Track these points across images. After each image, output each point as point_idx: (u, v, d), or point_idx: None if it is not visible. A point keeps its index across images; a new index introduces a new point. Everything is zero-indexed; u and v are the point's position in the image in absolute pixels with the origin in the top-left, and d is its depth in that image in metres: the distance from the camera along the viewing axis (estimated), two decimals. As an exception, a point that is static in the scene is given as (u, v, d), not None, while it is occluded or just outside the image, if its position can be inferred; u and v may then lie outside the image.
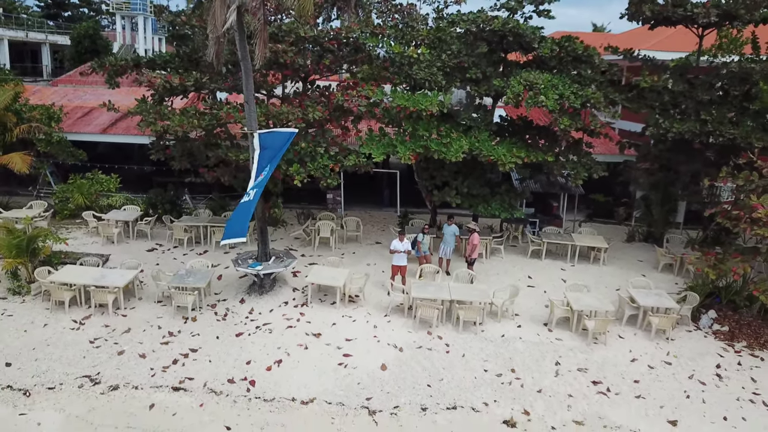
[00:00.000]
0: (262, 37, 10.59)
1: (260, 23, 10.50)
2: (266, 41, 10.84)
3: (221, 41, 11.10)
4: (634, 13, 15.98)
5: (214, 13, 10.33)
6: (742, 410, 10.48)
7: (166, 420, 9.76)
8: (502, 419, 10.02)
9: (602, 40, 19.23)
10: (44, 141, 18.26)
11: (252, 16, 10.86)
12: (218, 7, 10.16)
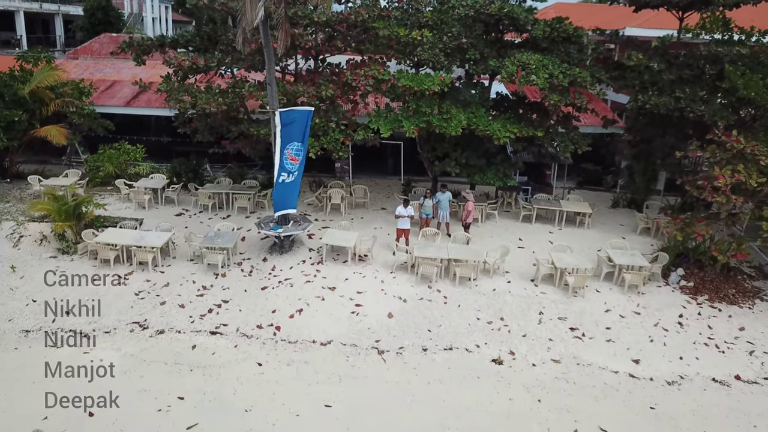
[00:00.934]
0: (284, 28, 11.88)
1: (282, 17, 11.78)
2: (288, 31, 12.15)
3: (247, 31, 12.37)
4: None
5: (244, 9, 11.59)
6: (696, 351, 12.15)
7: (206, 358, 11.45)
8: (491, 358, 11.70)
9: (599, 14, 20.23)
10: (76, 114, 19.58)
11: (275, 6, 12.08)
12: (248, 5, 11.42)
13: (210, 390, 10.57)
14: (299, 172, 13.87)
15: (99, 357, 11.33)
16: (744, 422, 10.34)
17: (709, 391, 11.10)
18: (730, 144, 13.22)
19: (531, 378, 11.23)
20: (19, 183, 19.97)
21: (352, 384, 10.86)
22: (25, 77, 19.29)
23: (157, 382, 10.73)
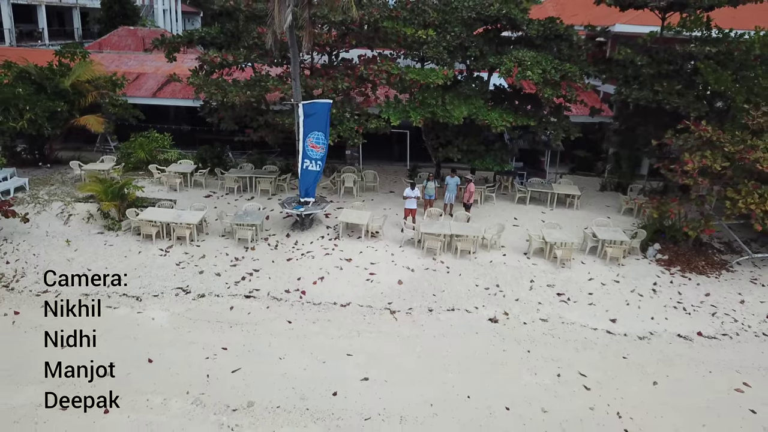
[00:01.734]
0: (308, 30, 13.48)
1: (307, 21, 13.36)
2: (311, 33, 13.75)
3: (276, 33, 13.92)
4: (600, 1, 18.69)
5: (274, 14, 13.15)
6: (666, 313, 13.88)
7: (243, 317, 13.20)
8: (487, 317, 13.44)
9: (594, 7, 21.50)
10: (111, 104, 21.18)
11: (301, 12, 13.62)
12: (277, 11, 12.98)
13: (248, 342, 12.33)
14: (323, 161, 15.58)
15: (151, 316, 13.12)
16: (702, 369, 12.07)
17: (674, 344, 12.84)
18: (699, 133, 14.85)
19: (522, 334, 12.97)
20: (58, 167, 21.64)
21: (368, 338, 12.62)
22: (63, 71, 20.89)
23: (203, 336, 12.48)
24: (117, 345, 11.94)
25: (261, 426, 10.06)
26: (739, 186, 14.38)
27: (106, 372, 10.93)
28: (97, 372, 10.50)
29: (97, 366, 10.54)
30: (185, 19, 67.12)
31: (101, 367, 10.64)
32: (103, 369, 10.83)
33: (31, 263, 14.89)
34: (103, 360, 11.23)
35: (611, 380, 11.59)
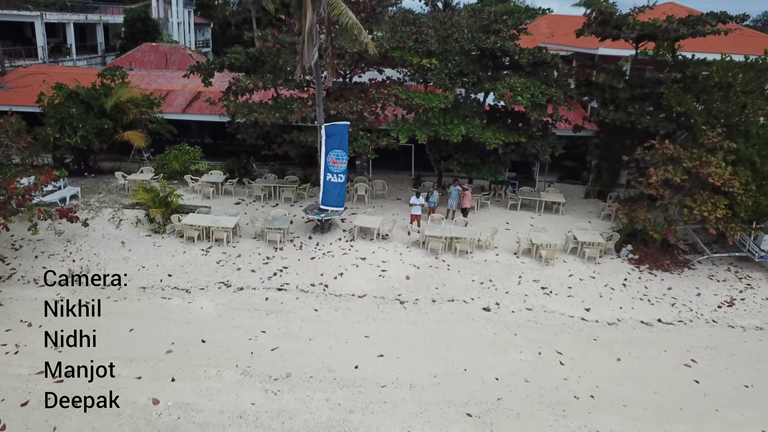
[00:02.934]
0: (332, 64, 15.81)
1: (331, 58, 15.69)
2: (334, 67, 16.07)
3: (304, 67, 16.24)
4: (583, 31, 21.03)
5: (303, 52, 15.48)
6: (632, 303, 16.19)
7: (276, 306, 15.53)
8: (481, 307, 15.76)
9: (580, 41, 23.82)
10: (149, 121, 23.53)
11: (324, 52, 15.95)
12: (306, 50, 15.30)
13: (282, 326, 14.65)
14: (345, 174, 17.94)
15: (199, 305, 15.47)
16: (659, 349, 14.37)
17: (637, 329, 15.16)
18: (662, 150, 17.17)
19: (510, 320, 15.30)
20: (102, 177, 24.02)
21: (382, 323, 14.94)
22: (106, 91, 23.25)
23: (245, 322, 14.80)
24: (176, 328, 14.27)
25: (298, 391, 12.37)
26: (696, 196, 16.70)
27: (170, 349, 13.36)
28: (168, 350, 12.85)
29: (168, 345, 12.90)
30: (197, 30, 69.54)
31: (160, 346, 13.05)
32: (162, 349, 13.23)
33: (93, 261, 17.23)
34: (169, 341, 13.63)
35: (583, 357, 13.89)
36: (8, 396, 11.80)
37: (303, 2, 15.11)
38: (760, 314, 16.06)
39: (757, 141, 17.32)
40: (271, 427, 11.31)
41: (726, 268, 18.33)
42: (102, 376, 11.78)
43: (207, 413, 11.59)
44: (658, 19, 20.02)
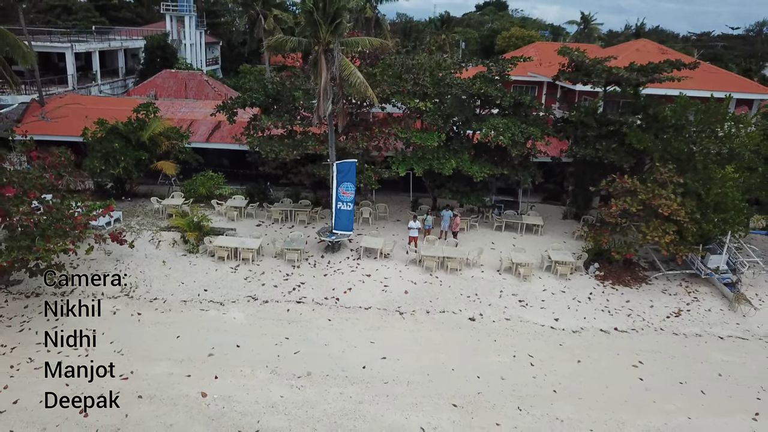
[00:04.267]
0: (343, 114, 18.59)
1: (342, 109, 18.48)
2: (345, 117, 18.84)
3: (320, 117, 18.99)
4: (558, 78, 23.92)
5: (319, 104, 18.27)
6: (595, 314, 18.93)
7: (296, 316, 18.28)
8: (468, 317, 18.50)
9: None
10: (179, 151, 26.31)
11: (337, 104, 18.74)
12: (322, 102, 18.09)
13: (302, 333, 17.38)
14: (353, 203, 20.73)
15: (232, 316, 18.22)
16: (613, 352, 17.10)
17: (596, 336, 17.91)
18: (622, 183, 19.97)
19: (491, 329, 18.04)
20: (137, 200, 26.80)
21: (385, 331, 17.68)
22: (141, 125, 26.04)
23: (270, 329, 17.54)
24: (214, 335, 17.01)
25: (317, 386, 15.09)
26: (649, 223, 19.48)
27: (212, 353, 16.12)
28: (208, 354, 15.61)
29: (210, 350, 15.67)
30: (207, 49, 72.42)
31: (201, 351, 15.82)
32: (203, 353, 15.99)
33: (140, 278, 19.99)
34: (209, 346, 16.39)
35: (550, 359, 16.63)
36: (87, 389, 14.51)
37: (319, 64, 17.93)
38: (701, 323, 18.82)
39: (702, 176, 20.10)
40: (297, 414, 14.05)
41: (678, 284, 21.08)
42: (158, 375, 14.52)
43: (245, 404, 14.32)
44: (621, 68, 22.86)
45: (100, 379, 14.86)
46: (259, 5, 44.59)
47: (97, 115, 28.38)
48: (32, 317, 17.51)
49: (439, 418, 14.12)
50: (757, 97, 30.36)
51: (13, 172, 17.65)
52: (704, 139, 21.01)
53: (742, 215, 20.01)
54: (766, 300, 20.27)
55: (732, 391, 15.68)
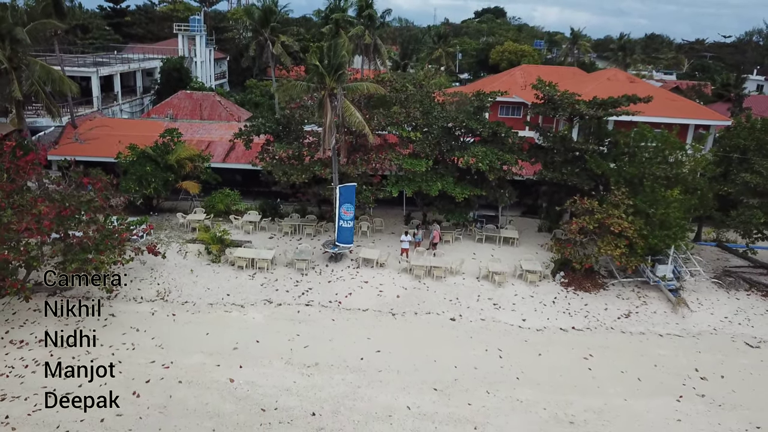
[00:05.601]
0: (344, 147, 21.70)
1: (344, 143, 21.59)
2: (346, 149, 21.96)
3: (325, 148, 22.08)
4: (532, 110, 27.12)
5: (325, 139, 21.38)
6: (557, 315, 22.02)
7: (305, 317, 21.36)
8: (449, 318, 21.59)
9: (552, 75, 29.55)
10: (201, 173, 29.44)
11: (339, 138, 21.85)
12: (326, 138, 21.21)
13: (311, 331, 20.46)
14: (353, 220, 23.87)
15: (252, 316, 21.33)
16: (569, 347, 20.17)
17: (556, 334, 21.01)
18: (581, 204, 23.12)
19: (468, 327, 21.13)
20: (163, 215, 29.89)
21: (380, 329, 20.77)
22: (167, 149, 29.15)
23: (284, 328, 20.62)
24: (237, 333, 20.09)
25: (324, 374, 18.16)
26: (603, 238, 22.61)
27: (236, 347, 19.22)
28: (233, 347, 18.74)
29: (234, 344, 18.80)
30: (215, 64, 75.62)
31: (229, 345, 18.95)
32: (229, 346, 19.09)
33: (172, 284, 23.09)
34: (234, 341, 19.48)
35: (516, 353, 19.71)
36: (136, 376, 17.60)
37: (324, 106, 21.09)
38: (646, 323, 21.92)
39: (649, 198, 23.23)
40: (307, 396, 17.13)
41: (631, 289, 24.17)
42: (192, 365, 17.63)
43: (265, 387, 17.40)
44: (583, 103, 26.03)
45: (146, 368, 17.99)
46: (267, 32, 47.60)
47: (124, 137, 31.74)
48: (85, 317, 20.58)
49: (422, 399, 17.20)
50: (712, 123, 33.48)
51: (67, 195, 20.74)
52: (653, 165, 24.15)
53: (683, 232, 23.13)
54: (705, 303, 23.37)
55: (663, 378, 18.77)
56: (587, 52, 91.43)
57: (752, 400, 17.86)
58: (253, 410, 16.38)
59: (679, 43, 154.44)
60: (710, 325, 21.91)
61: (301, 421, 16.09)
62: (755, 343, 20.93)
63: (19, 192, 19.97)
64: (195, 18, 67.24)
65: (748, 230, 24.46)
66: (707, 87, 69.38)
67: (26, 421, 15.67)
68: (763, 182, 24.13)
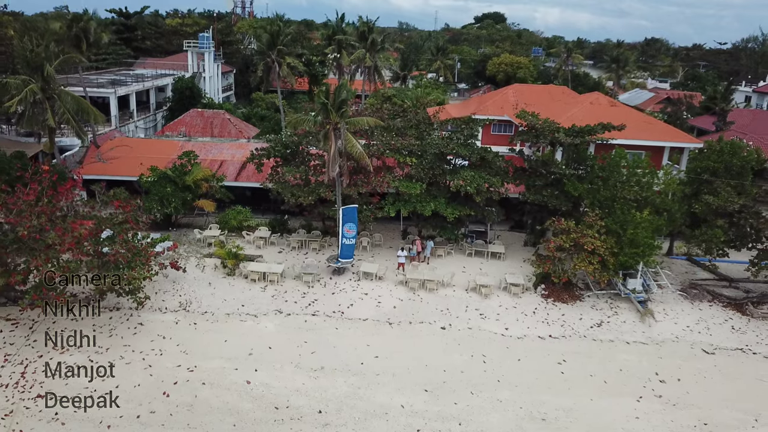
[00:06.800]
0: (346, 174, 24.12)
1: (346, 170, 24.00)
2: (348, 176, 24.37)
3: (330, 175, 24.47)
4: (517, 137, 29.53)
5: (329, 167, 23.78)
6: (536, 325, 24.34)
7: (312, 326, 23.71)
8: (440, 326, 23.94)
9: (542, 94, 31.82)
10: (215, 192, 31.83)
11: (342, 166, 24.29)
12: (330, 166, 23.61)
13: (317, 339, 22.78)
14: (354, 238, 26.27)
15: (264, 325, 23.70)
16: (545, 353, 22.47)
17: (535, 341, 23.34)
18: (558, 225, 25.50)
19: (457, 335, 23.47)
20: (180, 230, 32.26)
21: (378, 336, 23.11)
22: (184, 170, 31.55)
23: (293, 336, 22.95)
24: (252, 340, 22.44)
25: (328, 377, 20.49)
26: (578, 255, 24.97)
27: (251, 353, 21.57)
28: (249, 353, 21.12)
29: (250, 350, 21.17)
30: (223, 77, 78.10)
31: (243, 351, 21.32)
32: (244, 353, 21.45)
33: (192, 296, 25.45)
34: (249, 347, 21.82)
35: (498, 358, 22.05)
36: (166, 378, 19.95)
37: (329, 138, 23.52)
38: (616, 332, 24.25)
39: (620, 219, 25.60)
40: (314, 395, 19.47)
41: (605, 301, 26.50)
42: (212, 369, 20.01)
43: (278, 388, 19.76)
44: (562, 131, 28.43)
45: (174, 371, 20.36)
46: (274, 54, 50.10)
47: (144, 158, 34.19)
48: (116, 326, 22.98)
49: (414, 399, 19.54)
50: (685, 146, 35.87)
51: (103, 218, 23.14)
52: (624, 188, 26.54)
53: (651, 249, 25.48)
54: (671, 314, 25.69)
55: (627, 381, 21.10)
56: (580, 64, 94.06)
57: (703, 400, 20.20)
58: (267, 408, 18.74)
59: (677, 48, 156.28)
60: (673, 334, 24.24)
61: (310, 417, 18.44)
62: (711, 350, 23.26)
63: (62, 216, 22.33)
64: (204, 35, 69.76)
65: (710, 248, 26.80)
66: (697, 97, 71.58)
67: (73, 417, 18.01)
68: (723, 204, 26.49)
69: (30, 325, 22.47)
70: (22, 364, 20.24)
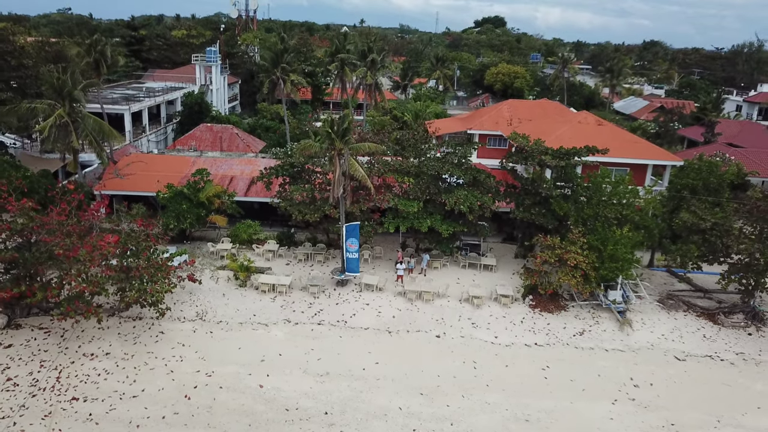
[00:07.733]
0: (349, 195, 26.14)
1: (349, 192, 26.03)
2: (351, 196, 26.39)
3: (335, 196, 26.47)
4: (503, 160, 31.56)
5: (334, 189, 25.78)
6: (524, 333, 26.29)
7: (318, 334, 25.68)
8: (435, 335, 25.90)
9: (535, 108, 33.81)
10: (227, 207, 33.83)
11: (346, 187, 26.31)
12: (335, 187, 25.62)
13: (323, 346, 24.74)
14: (357, 252, 28.26)
15: (274, 333, 25.68)
16: (531, 359, 24.42)
17: (522, 349, 25.30)
18: (544, 242, 27.47)
19: (451, 343, 25.40)
20: (194, 243, 34.26)
21: (378, 344, 25.07)
22: (198, 186, 33.55)
23: (301, 343, 24.92)
24: (263, 347, 24.40)
25: (333, 381, 22.44)
26: (562, 269, 26.95)
27: (263, 359, 23.55)
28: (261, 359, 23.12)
29: (262, 357, 23.18)
30: (229, 88, 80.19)
31: (256, 357, 23.30)
32: (258, 358, 23.43)
33: (208, 306, 27.44)
34: (261, 354, 23.80)
35: (488, 364, 23.99)
36: (186, 382, 21.93)
37: (334, 162, 25.55)
38: (596, 340, 26.19)
39: (601, 235, 27.58)
40: (321, 398, 21.44)
41: (588, 311, 28.45)
42: (228, 373, 22.02)
43: (287, 392, 21.73)
44: (548, 153, 30.44)
45: (193, 375, 22.34)
46: (278, 71, 52.17)
47: (158, 174, 36.22)
48: (140, 334, 24.97)
49: (411, 401, 21.50)
50: (667, 164, 37.85)
51: (128, 237, 25.15)
52: (606, 207, 28.54)
53: (629, 264, 27.45)
54: (648, 323, 27.64)
55: (604, 386, 23.03)
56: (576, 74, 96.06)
57: (672, 403, 22.14)
58: (279, 410, 20.71)
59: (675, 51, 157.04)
60: (648, 342, 26.19)
61: (317, 418, 20.41)
62: (682, 357, 25.20)
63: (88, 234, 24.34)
64: (211, 50, 71.86)
65: (684, 261, 28.78)
66: (689, 106, 73.42)
67: (105, 417, 19.99)
68: (696, 221, 28.47)
69: (61, 333, 24.44)
70: (56, 369, 22.20)
